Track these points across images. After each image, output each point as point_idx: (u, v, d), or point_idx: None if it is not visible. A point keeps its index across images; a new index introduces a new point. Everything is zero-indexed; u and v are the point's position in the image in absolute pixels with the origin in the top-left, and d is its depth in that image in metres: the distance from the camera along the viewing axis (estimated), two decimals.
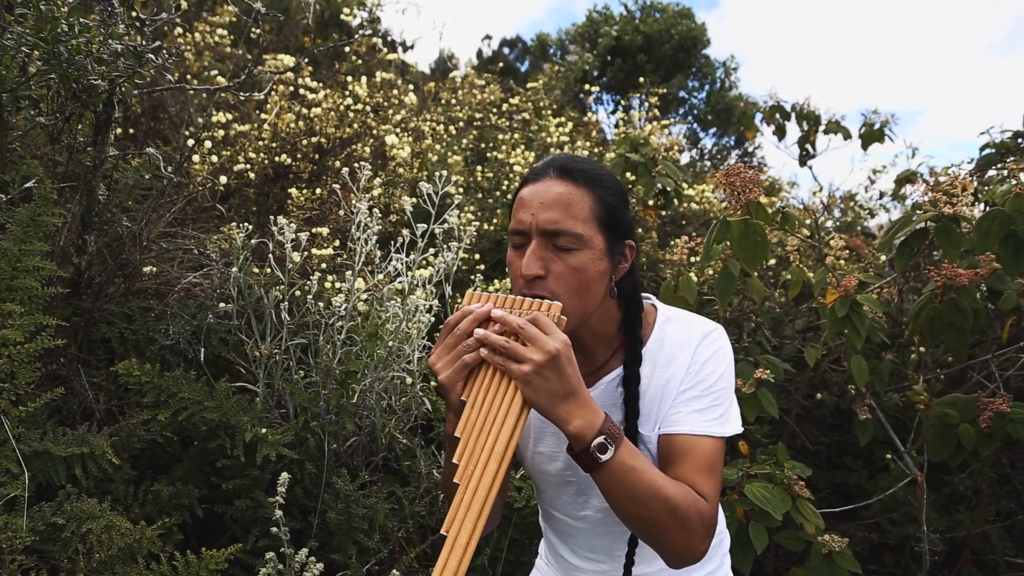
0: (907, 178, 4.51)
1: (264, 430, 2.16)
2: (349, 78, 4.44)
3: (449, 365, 1.09)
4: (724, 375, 1.20)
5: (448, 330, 1.12)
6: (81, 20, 1.89)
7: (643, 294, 1.30)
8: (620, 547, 1.29)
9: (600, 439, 1.03)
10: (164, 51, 2.19)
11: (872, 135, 5.40)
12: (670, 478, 1.10)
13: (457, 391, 1.08)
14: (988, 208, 2.55)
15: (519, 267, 1.15)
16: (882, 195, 5.94)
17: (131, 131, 3.75)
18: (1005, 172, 2.62)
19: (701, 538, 1.09)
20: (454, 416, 1.10)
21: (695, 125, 14.42)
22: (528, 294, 1.14)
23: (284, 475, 1.90)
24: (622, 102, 6.78)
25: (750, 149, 12.44)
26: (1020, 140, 4.03)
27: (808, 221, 3.53)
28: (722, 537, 1.39)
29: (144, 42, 2.13)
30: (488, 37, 18.36)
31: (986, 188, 2.81)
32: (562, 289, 1.13)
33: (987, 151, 4.17)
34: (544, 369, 1.02)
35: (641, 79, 7.38)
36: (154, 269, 2.63)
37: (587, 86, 7.13)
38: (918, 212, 2.69)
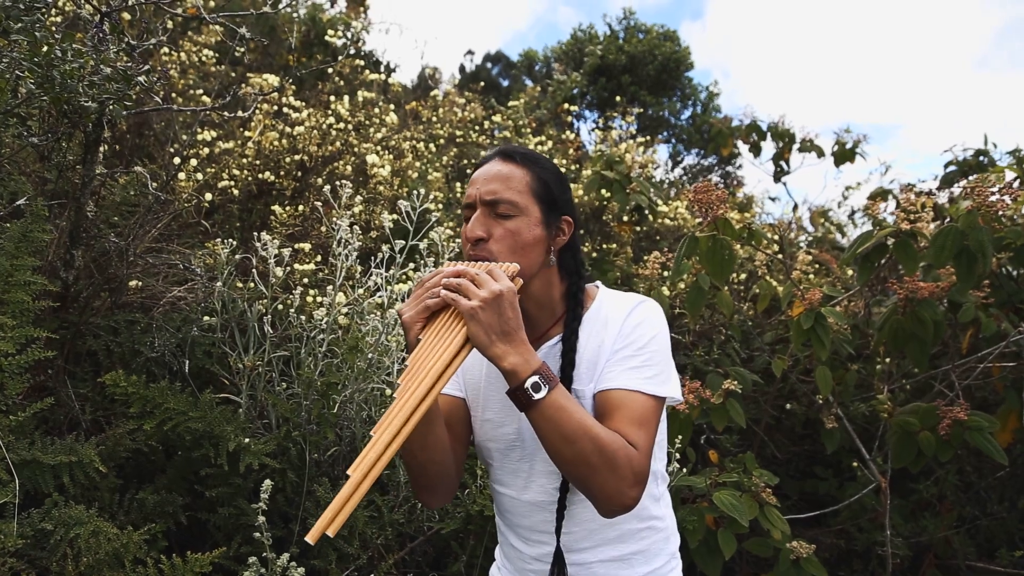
0: (880, 194, 4.66)
1: (247, 440, 2.23)
2: (332, 97, 4.52)
3: (413, 308, 1.22)
4: (656, 339, 1.31)
5: (420, 285, 1.26)
6: (74, 46, 1.96)
7: (590, 280, 1.44)
8: (565, 525, 1.35)
9: (535, 379, 1.15)
10: (151, 72, 2.26)
11: (844, 154, 5.56)
12: (602, 425, 1.20)
13: (416, 331, 1.21)
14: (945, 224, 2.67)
15: (465, 231, 1.32)
16: (854, 212, 6.09)
17: (117, 148, 3.81)
18: (968, 189, 2.76)
19: (630, 483, 1.15)
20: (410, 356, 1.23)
21: (680, 145, 14.62)
22: (473, 255, 1.30)
23: (267, 482, 1.96)
24: (599, 121, 6.90)
25: (729, 169, 12.61)
26: (981, 158, 4.18)
27: (775, 237, 3.64)
28: (668, 534, 1.43)
29: (133, 65, 2.21)
30: (471, 52, 18.55)
31: (950, 204, 2.93)
32: (502, 250, 1.29)
33: (950, 168, 4.32)
34: (488, 306, 1.15)
35: (618, 98, 7.52)
36: (140, 283, 2.69)
37: (566, 105, 7.26)
38: (878, 228, 2.80)
